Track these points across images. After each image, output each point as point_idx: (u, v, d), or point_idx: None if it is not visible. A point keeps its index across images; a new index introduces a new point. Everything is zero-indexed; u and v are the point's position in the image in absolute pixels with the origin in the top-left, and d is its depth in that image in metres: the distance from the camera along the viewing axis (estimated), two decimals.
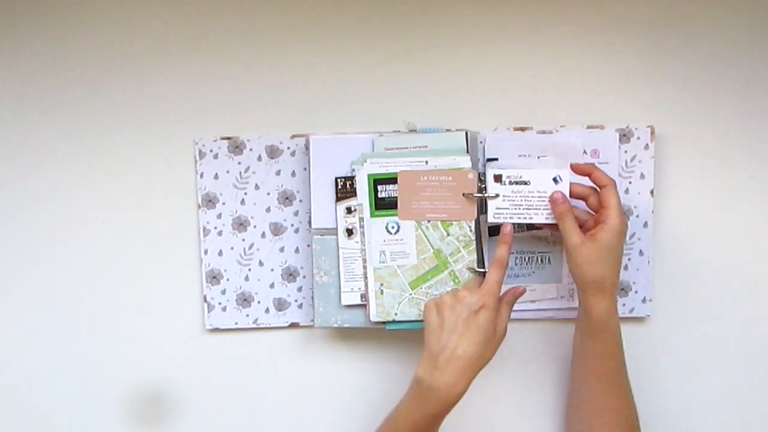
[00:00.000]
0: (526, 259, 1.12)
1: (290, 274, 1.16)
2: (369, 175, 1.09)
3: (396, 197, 1.09)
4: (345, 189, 1.10)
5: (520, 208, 1.06)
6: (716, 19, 1.11)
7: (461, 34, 1.13)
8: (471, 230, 1.09)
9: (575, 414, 1.08)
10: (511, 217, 1.06)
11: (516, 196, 1.06)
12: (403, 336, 1.13)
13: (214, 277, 1.16)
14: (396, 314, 1.10)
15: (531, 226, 1.12)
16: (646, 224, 1.12)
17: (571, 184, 1.05)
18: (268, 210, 1.15)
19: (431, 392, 0.99)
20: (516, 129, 1.12)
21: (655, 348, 1.14)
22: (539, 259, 1.12)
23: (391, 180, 1.09)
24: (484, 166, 1.12)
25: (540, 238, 1.12)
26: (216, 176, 1.15)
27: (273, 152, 1.14)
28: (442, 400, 0.99)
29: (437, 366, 0.99)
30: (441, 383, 0.99)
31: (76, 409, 1.18)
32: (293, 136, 1.14)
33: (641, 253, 1.12)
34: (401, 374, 1.13)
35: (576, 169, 1.05)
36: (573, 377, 1.08)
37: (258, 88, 1.14)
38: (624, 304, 1.13)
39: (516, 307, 1.12)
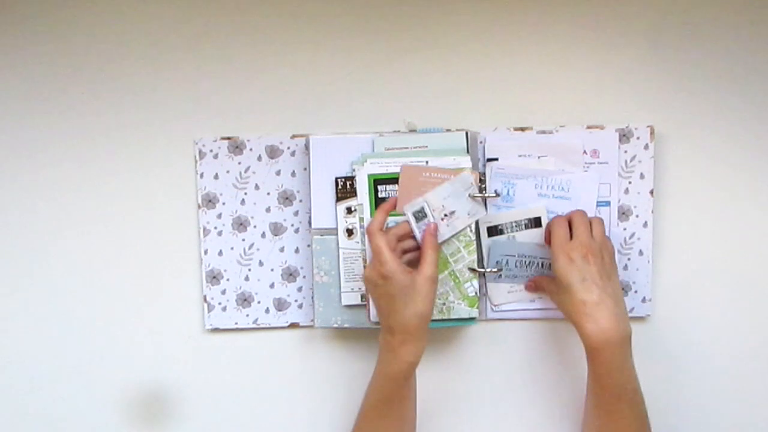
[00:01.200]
0: (527, 262, 1.12)
1: (290, 274, 1.16)
2: (369, 175, 1.09)
3: (396, 197, 1.09)
4: (345, 189, 1.10)
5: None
6: (716, 19, 1.11)
7: (461, 34, 1.13)
8: (471, 230, 1.09)
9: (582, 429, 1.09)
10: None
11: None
12: None
13: (214, 277, 1.16)
14: None
15: (531, 225, 1.12)
16: (645, 224, 1.12)
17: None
18: (268, 210, 1.15)
19: (387, 352, 1.02)
20: (516, 129, 1.12)
21: (655, 348, 1.14)
22: (540, 264, 1.12)
23: (391, 180, 1.09)
24: (484, 166, 1.12)
25: (541, 245, 1.11)
26: (216, 176, 1.15)
27: (273, 152, 1.14)
28: (402, 359, 1.01)
29: (386, 334, 1.02)
30: (402, 350, 1.01)
31: (77, 409, 1.18)
32: (293, 136, 1.14)
33: (641, 253, 1.12)
34: None
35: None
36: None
37: (258, 88, 1.14)
38: None
39: (516, 307, 1.13)
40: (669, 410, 1.15)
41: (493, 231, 1.12)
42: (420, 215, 1.07)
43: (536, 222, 1.12)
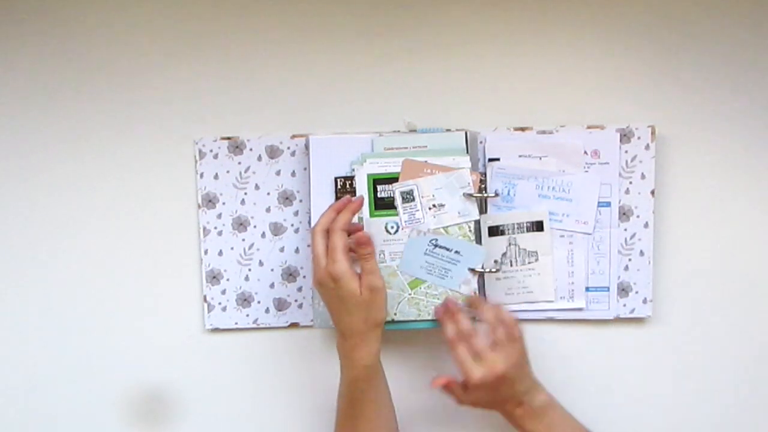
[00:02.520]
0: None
1: (290, 274, 1.16)
2: (369, 175, 1.09)
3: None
4: (345, 189, 1.10)
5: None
6: (716, 19, 1.10)
7: (461, 34, 1.13)
8: (471, 230, 1.09)
9: None
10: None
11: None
12: (402, 336, 1.13)
13: (214, 277, 1.16)
14: (395, 314, 1.10)
15: (533, 228, 1.12)
16: (646, 224, 1.12)
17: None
18: (268, 210, 1.15)
19: (342, 358, 1.03)
20: (516, 129, 1.12)
21: (655, 348, 1.14)
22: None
23: (391, 180, 1.09)
24: (485, 166, 1.12)
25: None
26: (216, 176, 1.15)
27: (273, 152, 1.14)
28: (351, 365, 1.02)
29: (344, 341, 1.02)
30: (354, 355, 1.02)
31: (77, 409, 1.18)
32: (293, 136, 1.14)
33: (642, 253, 1.12)
34: (400, 374, 1.13)
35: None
36: None
37: (258, 88, 1.14)
38: (624, 305, 1.13)
39: (516, 307, 1.12)
40: (669, 410, 1.15)
41: (494, 231, 1.12)
42: (408, 197, 1.07)
43: (538, 225, 1.11)
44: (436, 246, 1.09)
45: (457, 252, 1.08)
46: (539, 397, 1.04)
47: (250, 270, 1.15)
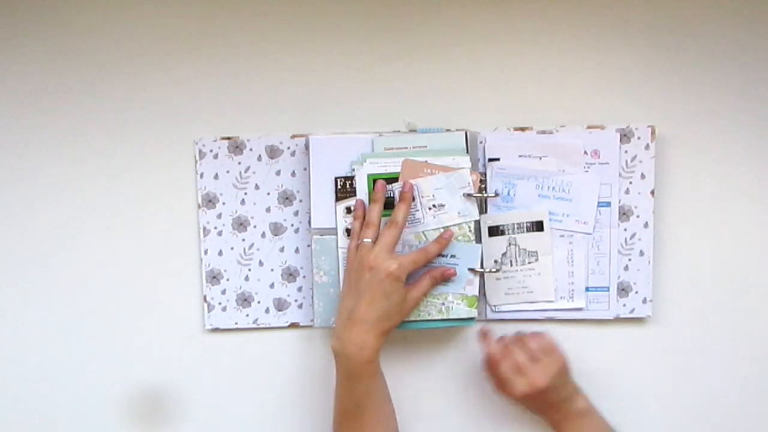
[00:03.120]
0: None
1: (290, 274, 1.16)
2: (369, 175, 1.09)
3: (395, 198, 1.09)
4: (345, 189, 1.10)
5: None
6: (716, 19, 1.10)
7: (461, 34, 1.13)
8: (471, 230, 1.09)
9: None
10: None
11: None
12: (402, 336, 1.13)
13: (214, 277, 1.16)
14: None
15: (533, 228, 1.12)
16: (646, 224, 1.12)
17: None
18: (268, 210, 1.15)
19: (342, 355, 1.03)
20: (516, 129, 1.12)
21: (655, 348, 1.14)
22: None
23: (391, 180, 1.09)
24: (485, 166, 1.12)
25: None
26: (216, 176, 1.15)
27: (273, 152, 1.14)
28: (352, 359, 1.02)
29: (345, 327, 1.03)
30: (349, 343, 1.02)
31: (77, 409, 1.18)
32: (293, 136, 1.14)
33: (642, 253, 1.12)
34: (400, 374, 1.14)
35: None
36: None
37: (258, 88, 1.14)
38: (624, 305, 1.13)
39: (516, 307, 1.13)
40: (669, 410, 1.15)
41: (494, 231, 1.12)
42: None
43: (538, 225, 1.11)
44: None
45: (453, 256, 1.09)
46: (578, 404, 1.07)
47: (250, 270, 1.15)
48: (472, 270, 1.09)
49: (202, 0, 1.13)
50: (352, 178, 1.10)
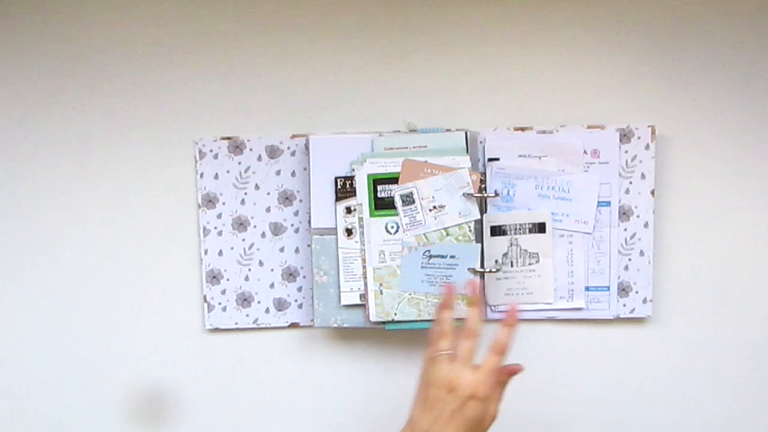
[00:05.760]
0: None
1: (290, 274, 1.16)
2: (369, 175, 1.09)
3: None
4: (344, 189, 1.10)
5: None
6: (716, 19, 1.10)
7: (461, 34, 1.13)
8: (470, 230, 1.09)
9: None
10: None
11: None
12: (402, 336, 1.13)
13: (214, 277, 1.16)
14: (395, 314, 1.10)
15: (535, 230, 1.12)
16: (646, 224, 1.12)
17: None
18: (268, 210, 1.15)
19: None
20: (516, 129, 1.12)
21: (655, 348, 1.14)
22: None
23: (391, 180, 1.09)
24: (485, 166, 1.12)
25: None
26: (216, 176, 1.15)
27: (273, 152, 1.14)
28: None
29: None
30: None
31: (77, 409, 1.18)
32: (293, 136, 1.14)
33: (642, 253, 1.12)
34: (401, 374, 1.14)
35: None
36: None
37: (258, 88, 1.14)
38: (624, 305, 1.13)
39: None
40: (670, 410, 1.15)
41: (497, 231, 1.12)
42: (408, 200, 1.07)
43: (540, 227, 1.11)
44: (431, 257, 1.09)
45: (452, 256, 1.09)
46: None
47: (250, 270, 1.15)
48: (471, 270, 1.09)
49: (202, 0, 1.13)
50: (352, 178, 1.10)
